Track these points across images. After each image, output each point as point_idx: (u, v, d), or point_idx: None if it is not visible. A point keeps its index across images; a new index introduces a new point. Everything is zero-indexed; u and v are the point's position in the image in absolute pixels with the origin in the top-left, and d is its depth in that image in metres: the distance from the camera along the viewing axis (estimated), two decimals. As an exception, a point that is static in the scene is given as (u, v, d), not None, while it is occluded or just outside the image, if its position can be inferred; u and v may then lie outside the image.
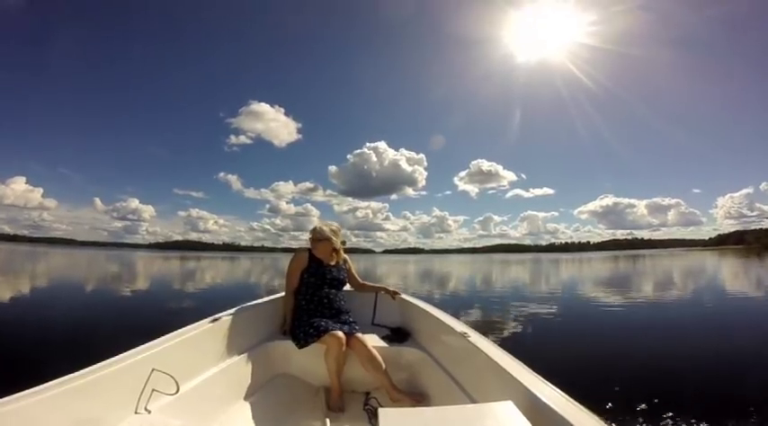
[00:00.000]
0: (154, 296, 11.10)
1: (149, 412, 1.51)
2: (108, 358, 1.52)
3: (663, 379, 3.77)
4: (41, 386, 1.25)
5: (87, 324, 6.39)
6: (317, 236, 2.67)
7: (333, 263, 2.73)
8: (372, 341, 2.45)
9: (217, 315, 2.28)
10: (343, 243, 2.79)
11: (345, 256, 2.84)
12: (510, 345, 1.83)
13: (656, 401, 3.06)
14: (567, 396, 1.26)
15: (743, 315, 7.57)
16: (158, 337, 1.82)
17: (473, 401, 1.72)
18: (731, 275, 18.93)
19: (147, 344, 1.71)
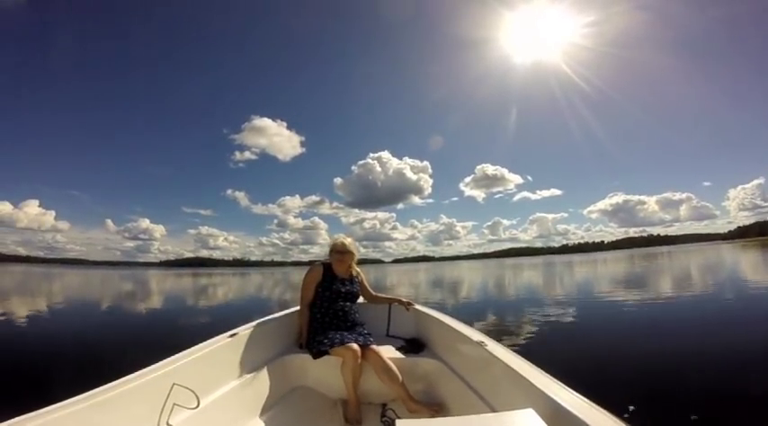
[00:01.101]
0: (172, 312, 11.20)
1: None
2: (129, 373, 1.55)
3: (694, 382, 3.57)
4: (64, 402, 1.28)
5: (108, 341, 6.50)
6: (343, 249, 2.72)
7: (347, 277, 2.76)
8: (388, 352, 2.46)
9: (235, 330, 2.32)
10: None
11: (358, 269, 2.87)
12: (529, 351, 1.80)
13: (686, 405, 2.94)
14: (589, 402, 1.24)
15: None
16: (178, 352, 1.85)
17: (492, 410, 1.70)
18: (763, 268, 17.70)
19: (167, 359, 1.75)
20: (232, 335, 2.23)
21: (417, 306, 2.99)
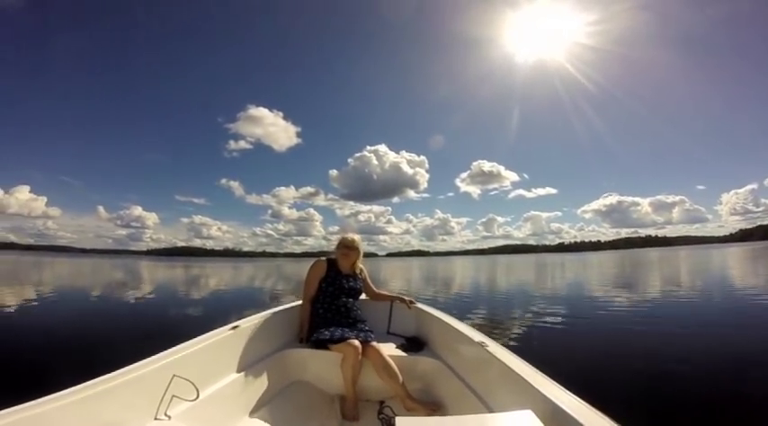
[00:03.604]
0: (169, 303, 11.03)
1: (169, 417, 1.53)
2: (129, 364, 1.54)
3: (694, 386, 3.51)
4: (62, 392, 1.27)
5: (107, 332, 6.45)
6: (351, 245, 2.74)
7: (351, 273, 2.77)
8: (388, 349, 2.46)
9: (236, 323, 2.31)
10: None
11: (361, 266, 2.88)
12: (528, 352, 1.80)
13: (685, 408, 2.92)
14: (587, 405, 1.24)
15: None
16: (179, 344, 1.84)
17: (490, 410, 1.70)
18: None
19: (168, 351, 1.74)
20: (233, 328, 2.23)
21: (419, 305, 2.99)
